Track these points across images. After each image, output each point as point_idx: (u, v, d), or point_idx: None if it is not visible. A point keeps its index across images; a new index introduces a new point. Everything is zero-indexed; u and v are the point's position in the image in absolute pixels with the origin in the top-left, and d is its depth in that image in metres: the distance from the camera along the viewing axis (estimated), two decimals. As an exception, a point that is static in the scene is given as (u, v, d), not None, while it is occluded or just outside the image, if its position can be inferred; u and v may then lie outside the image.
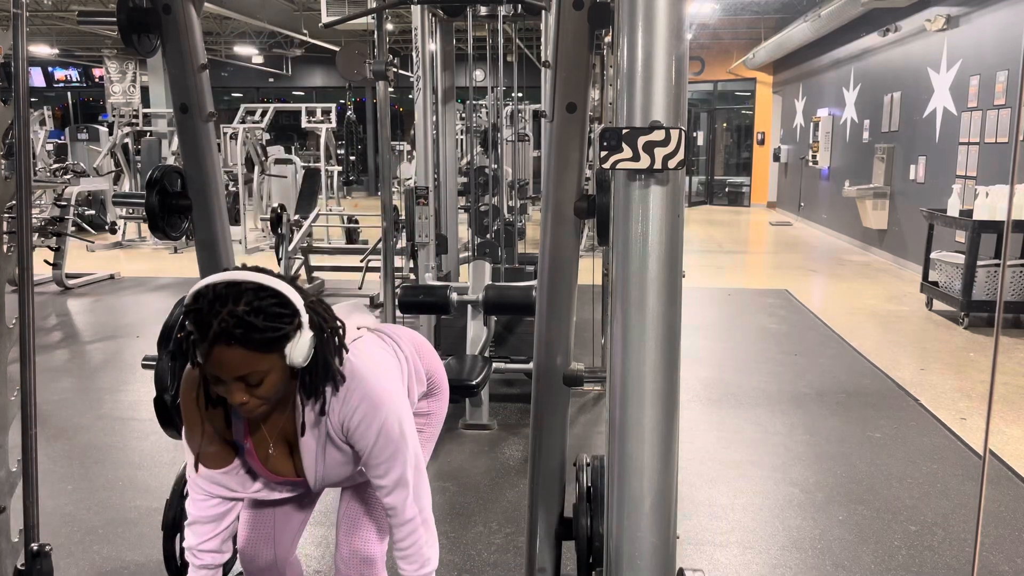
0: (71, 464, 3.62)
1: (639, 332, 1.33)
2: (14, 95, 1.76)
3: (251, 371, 1.42)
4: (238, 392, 1.45)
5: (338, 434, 1.60)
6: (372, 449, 1.59)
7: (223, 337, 1.38)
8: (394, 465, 1.61)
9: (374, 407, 1.57)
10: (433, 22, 4.87)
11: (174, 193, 2.37)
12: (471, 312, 4.11)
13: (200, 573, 1.70)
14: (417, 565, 1.68)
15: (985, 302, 6.04)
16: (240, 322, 1.38)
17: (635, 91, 1.28)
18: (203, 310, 1.38)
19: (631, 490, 1.36)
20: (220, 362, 1.40)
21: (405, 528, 1.66)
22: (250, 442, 1.65)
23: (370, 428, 1.57)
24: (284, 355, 1.44)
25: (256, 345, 1.40)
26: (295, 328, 1.44)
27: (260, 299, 1.40)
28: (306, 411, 1.58)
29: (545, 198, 2.03)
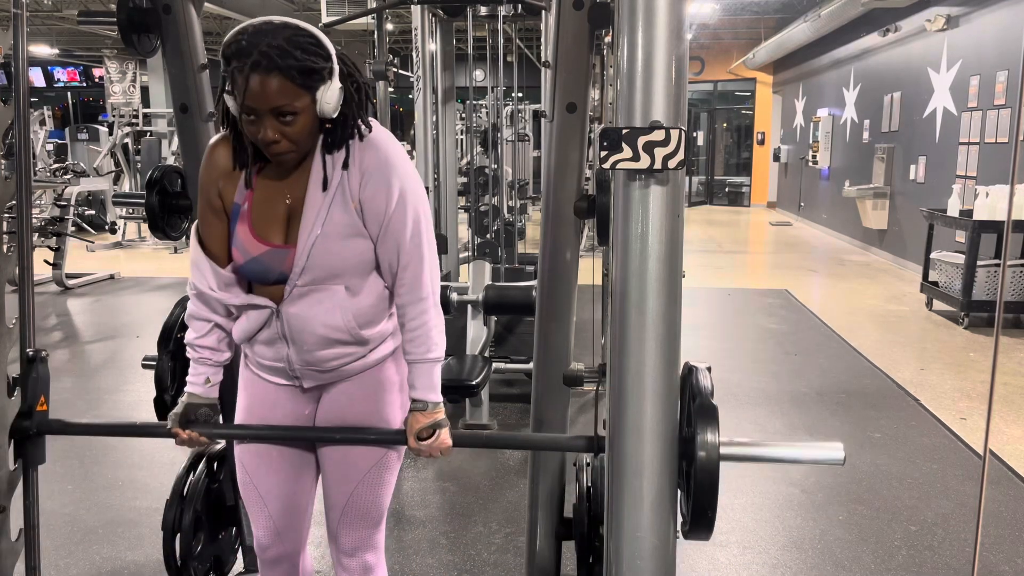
0: (71, 464, 3.62)
1: (639, 332, 1.33)
2: (14, 95, 1.77)
3: (285, 103, 1.46)
4: (271, 127, 1.48)
5: (353, 193, 1.57)
6: (391, 209, 1.57)
7: (263, 63, 1.43)
8: (411, 231, 1.59)
9: (392, 167, 1.58)
10: (433, 22, 4.87)
11: (174, 193, 2.37)
12: (471, 312, 4.11)
13: (199, 369, 1.70)
14: (424, 348, 1.65)
15: (985, 302, 6.04)
16: (280, 50, 1.44)
17: (635, 91, 1.28)
18: (244, 42, 1.45)
19: (631, 490, 1.36)
20: (258, 90, 1.45)
21: (418, 306, 1.64)
22: (248, 203, 1.62)
23: (390, 185, 1.57)
24: (316, 99, 1.49)
25: (294, 74, 1.45)
26: (329, 70, 1.50)
27: (298, 35, 1.47)
28: (327, 164, 1.58)
29: (545, 198, 2.03)
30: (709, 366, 1.44)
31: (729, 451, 1.37)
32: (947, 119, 8.17)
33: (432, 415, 1.66)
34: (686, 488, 1.38)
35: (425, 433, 1.66)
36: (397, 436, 1.70)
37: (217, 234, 1.65)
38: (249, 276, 1.66)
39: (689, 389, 1.40)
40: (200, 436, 1.70)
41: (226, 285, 1.65)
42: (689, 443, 1.35)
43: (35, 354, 1.81)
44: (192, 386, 1.71)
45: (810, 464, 1.75)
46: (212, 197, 1.64)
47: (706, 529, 1.37)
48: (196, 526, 2.12)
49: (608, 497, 1.40)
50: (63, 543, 2.91)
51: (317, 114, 1.51)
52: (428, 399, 1.67)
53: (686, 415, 1.40)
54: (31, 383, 1.80)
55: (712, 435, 1.33)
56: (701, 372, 1.42)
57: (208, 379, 1.71)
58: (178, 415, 1.69)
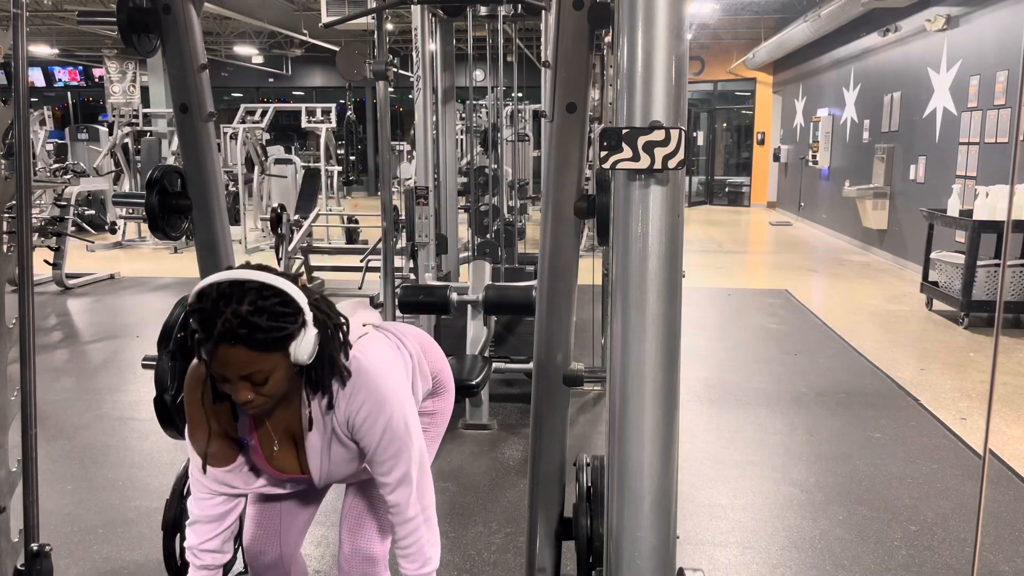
0: (71, 464, 3.62)
1: (639, 332, 1.33)
2: (14, 95, 1.76)
3: (256, 370, 1.43)
4: (244, 390, 1.46)
5: (343, 431, 1.60)
6: (377, 446, 1.59)
7: (227, 337, 1.39)
8: (398, 463, 1.61)
9: (379, 404, 1.58)
10: (433, 22, 4.87)
11: (174, 193, 2.37)
12: (471, 312, 4.11)
13: (200, 573, 1.70)
14: (418, 564, 1.69)
15: (985, 302, 6.04)
16: (244, 322, 1.38)
17: (635, 91, 1.28)
18: (207, 309, 1.39)
19: (631, 490, 1.36)
20: (225, 361, 1.42)
21: (407, 526, 1.67)
22: (255, 439, 1.66)
23: (375, 425, 1.58)
24: (288, 353, 1.45)
25: (260, 345, 1.41)
26: (299, 327, 1.45)
27: (264, 298, 1.41)
28: (312, 407, 1.59)
29: (545, 198, 2.03)
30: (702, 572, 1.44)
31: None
32: (947, 119, 8.17)
33: None
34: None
35: None
36: None
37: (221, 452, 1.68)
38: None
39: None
40: None
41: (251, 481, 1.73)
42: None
43: (39, 548, 1.82)
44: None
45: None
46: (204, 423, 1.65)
47: None
48: (196, 526, 2.11)
49: (608, 497, 1.40)
50: (63, 543, 2.90)
51: (292, 364, 1.48)
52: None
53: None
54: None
55: None
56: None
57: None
58: None
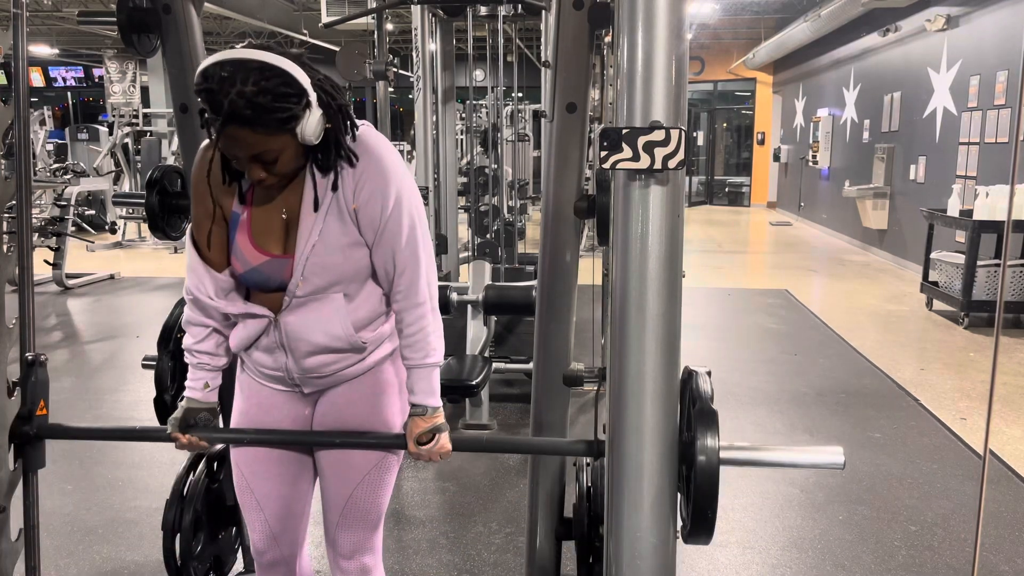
0: (71, 464, 3.62)
1: (639, 332, 1.33)
2: (14, 95, 1.76)
3: (264, 150, 1.46)
4: (255, 169, 1.49)
5: (348, 201, 1.57)
6: (385, 218, 1.56)
7: (234, 119, 1.41)
8: (408, 237, 1.59)
9: (387, 174, 1.57)
10: (433, 22, 4.87)
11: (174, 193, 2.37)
12: (471, 312, 4.11)
13: (198, 375, 1.70)
14: (422, 353, 1.65)
15: (985, 302, 6.04)
16: (249, 103, 1.40)
17: (635, 91, 1.28)
18: (213, 89, 1.40)
19: (631, 490, 1.36)
20: (234, 142, 1.45)
21: (415, 312, 1.63)
22: (248, 212, 1.62)
23: (384, 193, 1.56)
24: (296, 134, 1.47)
25: (266, 125, 1.43)
26: (303, 107, 1.46)
27: (267, 79, 1.42)
28: (318, 182, 1.57)
29: (545, 198, 2.03)
30: (709, 370, 1.44)
31: (729, 455, 1.37)
32: (947, 119, 8.17)
33: (431, 419, 1.66)
34: (686, 492, 1.37)
35: (425, 438, 1.66)
36: (397, 440, 1.70)
37: (214, 240, 1.65)
38: (249, 284, 1.66)
39: (688, 393, 1.40)
40: (200, 440, 1.69)
41: (224, 292, 1.65)
42: (689, 448, 1.35)
43: (34, 358, 1.81)
44: (191, 391, 1.71)
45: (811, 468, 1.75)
46: (208, 204, 1.64)
47: (706, 533, 1.37)
48: (196, 526, 2.12)
49: (608, 497, 1.40)
50: (63, 543, 2.91)
51: (300, 144, 1.50)
52: (427, 404, 1.67)
53: (686, 419, 1.40)
54: (30, 387, 1.79)
55: (712, 440, 1.33)
56: (701, 376, 1.42)
57: (207, 383, 1.71)
58: (177, 419, 1.69)
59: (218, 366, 1.72)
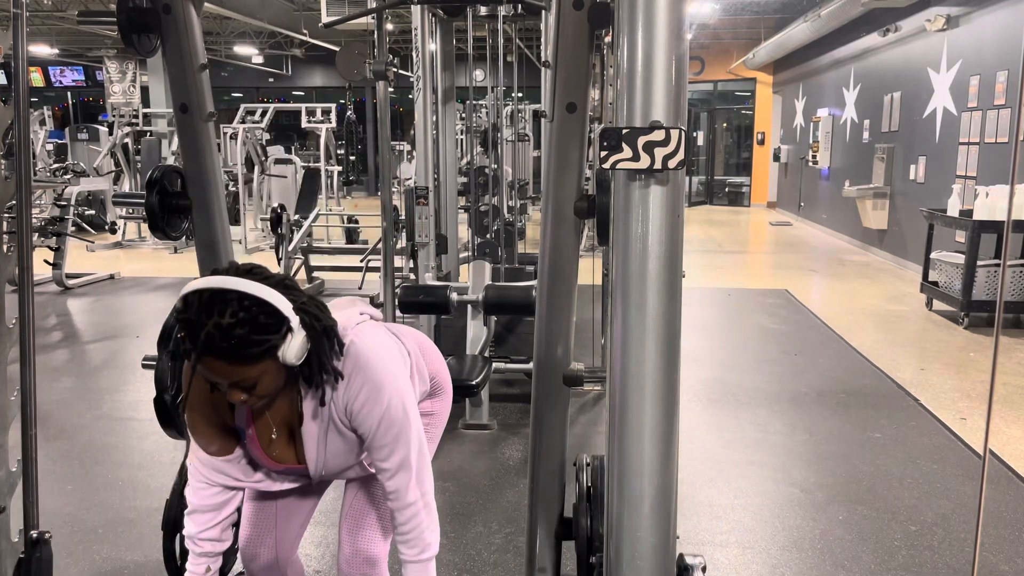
0: (71, 464, 3.62)
1: (639, 332, 1.33)
2: (14, 95, 1.76)
3: (243, 378, 1.44)
4: (235, 394, 1.48)
5: (341, 418, 1.60)
6: (375, 432, 1.59)
7: (210, 350, 1.39)
8: (397, 447, 1.61)
9: (377, 389, 1.57)
10: (433, 22, 4.87)
11: (174, 193, 2.37)
12: (471, 312, 4.11)
13: (199, 561, 1.71)
14: (418, 550, 1.68)
15: (985, 302, 6.04)
16: (225, 335, 1.38)
17: (635, 91, 1.28)
18: (191, 319, 1.39)
19: (631, 490, 1.36)
20: (212, 370, 1.43)
21: (407, 512, 1.66)
22: (252, 429, 1.66)
23: (373, 411, 1.58)
24: (277, 357, 1.45)
25: (243, 358, 1.41)
26: (283, 336, 1.44)
27: (245, 309, 1.39)
28: (308, 398, 1.59)
29: (545, 198, 2.03)
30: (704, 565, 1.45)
31: None
32: (947, 119, 8.17)
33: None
34: None
35: None
36: None
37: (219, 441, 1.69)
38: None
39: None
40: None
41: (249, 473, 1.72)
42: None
43: (39, 536, 1.82)
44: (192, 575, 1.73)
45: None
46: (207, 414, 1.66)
47: None
48: (196, 526, 2.11)
49: (608, 497, 1.40)
50: (63, 543, 2.90)
51: (282, 366, 1.48)
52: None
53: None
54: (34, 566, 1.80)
55: None
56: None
57: (208, 567, 1.73)
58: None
59: (220, 552, 1.75)
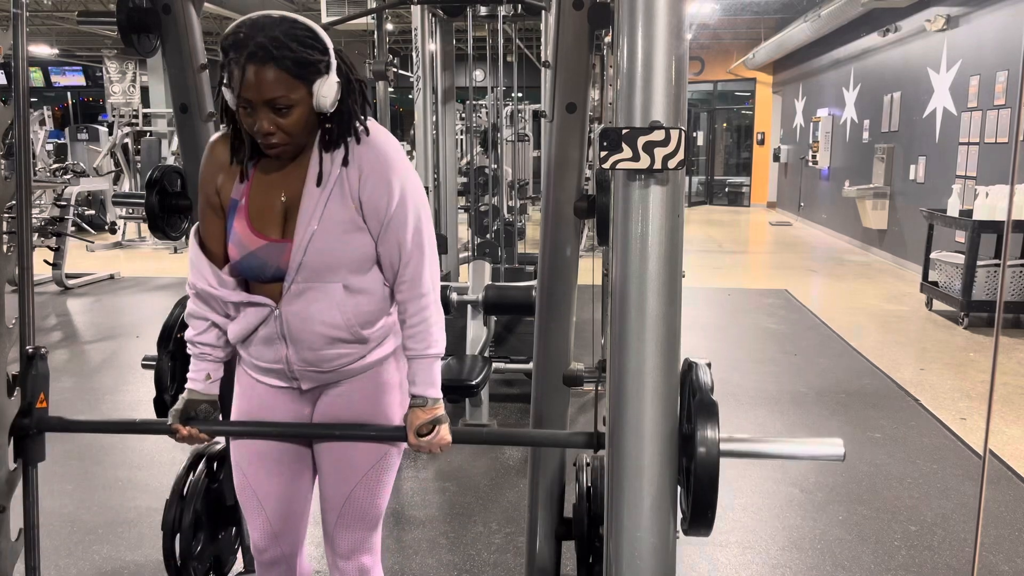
0: (71, 464, 3.62)
1: (639, 332, 1.33)
2: (14, 95, 1.77)
3: (280, 95, 1.47)
4: (266, 119, 1.49)
5: (352, 189, 1.57)
6: (389, 209, 1.57)
7: (259, 54, 1.44)
8: (412, 228, 1.60)
9: (392, 166, 1.58)
10: (433, 22, 4.87)
11: (174, 193, 2.37)
12: (471, 312, 4.11)
13: (200, 365, 1.70)
14: (424, 344, 1.65)
15: (985, 302, 6.05)
16: (276, 41, 1.45)
17: (635, 91, 1.28)
18: (242, 34, 1.46)
19: (631, 490, 1.36)
20: (254, 81, 1.46)
21: (419, 302, 1.64)
22: (246, 197, 1.62)
23: (391, 180, 1.57)
24: (312, 92, 1.49)
25: (289, 65, 1.46)
26: (325, 64, 1.50)
27: (296, 28, 1.48)
28: (323, 161, 1.58)
29: (545, 198, 2.03)
30: (709, 362, 1.44)
31: (729, 447, 1.37)
32: (947, 119, 8.17)
33: (432, 411, 1.66)
34: (686, 484, 1.37)
35: (425, 429, 1.66)
36: (397, 432, 1.70)
37: (216, 232, 1.66)
38: (246, 272, 1.64)
39: (689, 385, 1.40)
40: (200, 433, 1.69)
41: (225, 282, 1.65)
42: (689, 439, 1.35)
43: (34, 352, 1.81)
44: (192, 382, 1.71)
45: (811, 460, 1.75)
46: (211, 194, 1.65)
47: (706, 526, 1.37)
48: (196, 526, 2.11)
49: (608, 496, 1.40)
50: (63, 543, 2.90)
51: (314, 107, 1.51)
52: (428, 395, 1.67)
53: (686, 411, 1.40)
54: (30, 380, 1.79)
55: (712, 431, 1.33)
56: (701, 368, 1.42)
57: (208, 375, 1.71)
58: (178, 411, 1.69)
59: (220, 357, 1.72)
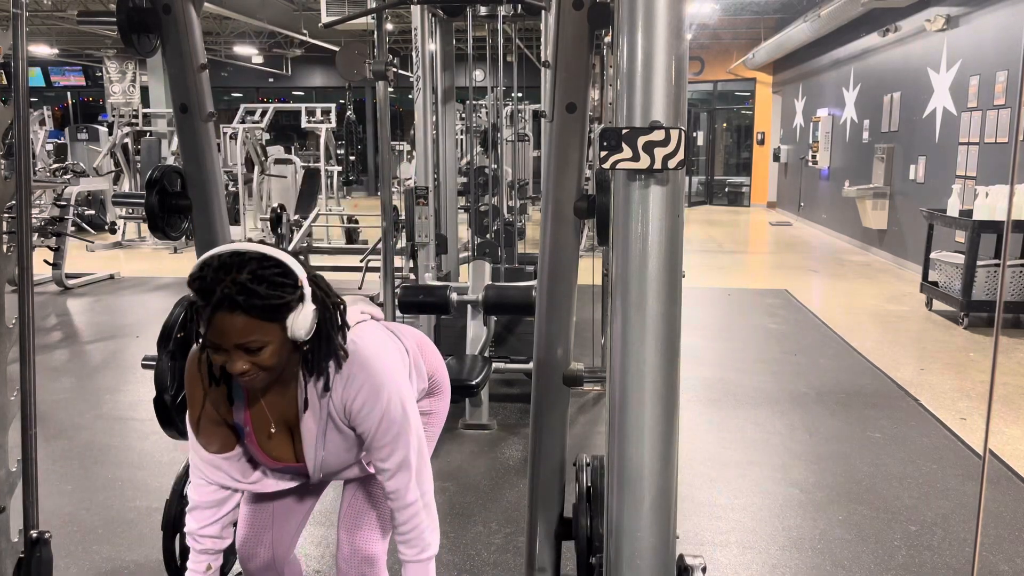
0: (71, 464, 3.62)
1: (639, 332, 1.33)
2: (14, 95, 1.76)
3: (252, 339, 1.44)
4: (239, 360, 1.46)
5: (340, 416, 1.60)
6: (375, 431, 1.59)
7: (226, 303, 1.40)
8: (397, 447, 1.61)
9: (376, 389, 1.57)
10: (433, 22, 4.87)
11: (174, 193, 2.37)
12: (471, 312, 4.11)
13: (200, 558, 1.71)
14: (417, 550, 1.68)
15: (985, 302, 6.05)
16: (243, 288, 1.40)
17: (635, 91, 1.28)
18: (207, 278, 1.41)
19: (631, 490, 1.36)
20: (222, 329, 1.42)
21: (407, 512, 1.66)
22: (250, 425, 1.65)
23: (373, 409, 1.57)
24: (285, 327, 1.46)
25: (258, 312, 1.42)
26: (297, 299, 1.46)
27: (263, 268, 1.43)
28: (308, 389, 1.59)
29: (545, 198, 2.03)
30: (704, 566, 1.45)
31: None
32: (947, 119, 8.17)
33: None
34: None
35: None
36: None
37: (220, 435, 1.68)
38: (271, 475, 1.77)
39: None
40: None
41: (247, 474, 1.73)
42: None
43: (39, 536, 1.82)
44: (193, 573, 1.72)
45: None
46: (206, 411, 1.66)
47: None
48: (196, 526, 2.11)
49: (608, 497, 1.40)
50: (63, 543, 2.90)
51: (288, 339, 1.48)
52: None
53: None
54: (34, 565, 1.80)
55: None
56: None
57: (209, 566, 1.73)
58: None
59: (221, 549, 1.75)
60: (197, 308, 1.43)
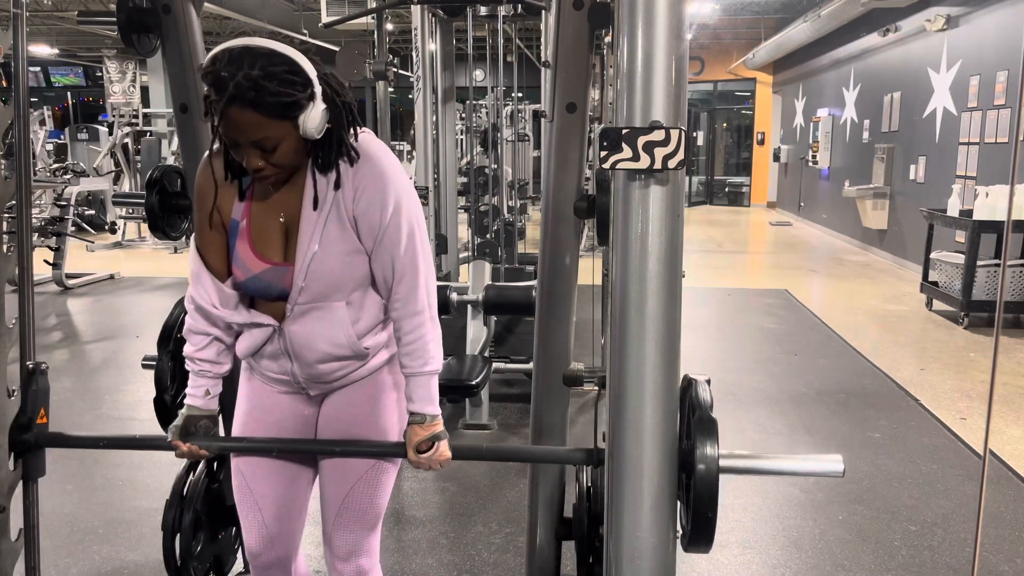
0: (71, 464, 3.61)
1: (639, 332, 1.33)
2: (14, 95, 1.76)
3: (265, 136, 1.45)
4: (254, 157, 1.48)
5: (348, 209, 1.56)
6: (382, 220, 1.56)
7: (238, 99, 1.40)
8: (404, 241, 1.59)
9: (386, 179, 1.56)
10: (433, 22, 4.87)
11: (174, 193, 2.37)
12: (471, 312, 4.11)
13: (199, 382, 1.70)
14: (421, 361, 1.65)
15: (985, 302, 6.05)
16: (254, 85, 1.40)
17: (635, 91, 1.28)
18: (219, 72, 1.40)
19: (631, 490, 1.36)
20: (235, 124, 1.43)
21: (413, 320, 1.63)
22: (247, 219, 1.62)
23: (384, 196, 1.56)
24: (298, 124, 1.47)
25: (269, 109, 1.42)
26: (308, 97, 1.46)
27: (273, 64, 1.43)
28: (319, 184, 1.57)
29: (545, 198, 2.03)
30: (708, 378, 1.44)
31: (729, 464, 1.37)
32: (947, 119, 8.17)
33: (430, 427, 1.67)
34: (686, 500, 1.38)
35: (424, 446, 1.66)
36: (396, 449, 1.71)
37: (217, 248, 1.65)
38: (251, 292, 1.66)
39: (688, 402, 1.40)
40: (199, 449, 1.70)
41: (227, 301, 1.66)
42: (689, 456, 1.35)
43: (35, 366, 1.80)
44: (192, 398, 1.71)
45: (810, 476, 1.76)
46: (210, 211, 1.64)
47: (706, 542, 1.37)
48: (196, 526, 2.11)
49: (608, 499, 1.40)
50: (63, 543, 2.90)
51: (301, 137, 1.49)
52: (426, 412, 1.67)
53: (686, 427, 1.39)
54: (31, 395, 1.79)
55: (712, 448, 1.33)
56: (700, 385, 1.42)
57: (208, 391, 1.71)
58: (178, 427, 1.69)
59: (219, 373, 1.73)
60: (211, 102, 1.43)
